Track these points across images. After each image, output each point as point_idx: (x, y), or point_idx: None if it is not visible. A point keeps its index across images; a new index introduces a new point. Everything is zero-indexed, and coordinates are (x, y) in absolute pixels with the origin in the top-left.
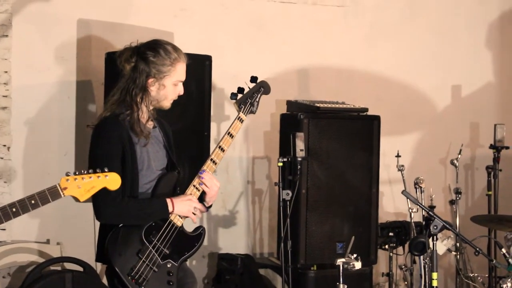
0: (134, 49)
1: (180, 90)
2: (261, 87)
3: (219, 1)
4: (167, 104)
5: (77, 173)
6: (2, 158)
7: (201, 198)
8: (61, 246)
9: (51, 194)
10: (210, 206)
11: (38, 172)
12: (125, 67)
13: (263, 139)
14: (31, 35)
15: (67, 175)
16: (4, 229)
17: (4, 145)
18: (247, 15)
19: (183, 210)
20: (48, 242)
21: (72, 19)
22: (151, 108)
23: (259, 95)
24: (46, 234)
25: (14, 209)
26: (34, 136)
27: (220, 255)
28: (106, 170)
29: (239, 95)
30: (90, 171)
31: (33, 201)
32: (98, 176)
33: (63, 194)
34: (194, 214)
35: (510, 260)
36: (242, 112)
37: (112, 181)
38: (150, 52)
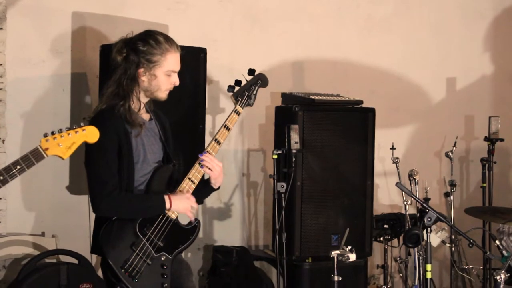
0: (126, 40)
1: (175, 80)
2: (258, 80)
3: None
4: (161, 95)
5: (54, 132)
6: None
7: (207, 182)
8: (56, 238)
9: (34, 156)
10: (219, 188)
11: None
12: (117, 58)
13: (258, 132)
14: (25, 28)
15: (45, 136)
16: None
17: None
18: (242, 7)
19: (180, 208)
20: (43, 234)
21: (67, 12)
22: (145, 99)
23: (256, 87)
24: (41, 226)
25: (1, 177)
26: (29, 129)
27: (215, 247)
28: (82, 125)
29: (236, 88)
30: (66, 128)
31: (18, 166)
32: (76, 132)
33: (46, 154)
34: (192, 212)
35: (503, 252)
36: (239, 105)
37: (90, 134)
38: (141, 42)
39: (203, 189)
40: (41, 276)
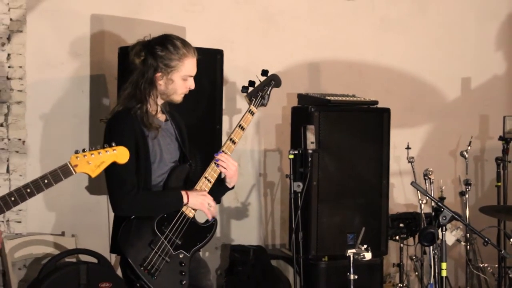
0: (144, 44)
1: (191, 84)
2: (271, 80)
3: None
4: (177, 98)
5: (85, 150)
6: (17, 151)
7: (222, 182)
8: (76, 238)
9: (63, 172)
10: (233, 187)
11: (52, 165)
12: (135, 61)
13: (275, 132)
14: (45, 30)
15: (76, 152)
16: (20, 222)
17: (19, 139)
18: (257, 9)
19: (196, 203)
20: (63, 234)
21: (86, 15)
22: (161, 101)
23: (270, 88)
24: (61, 226)
25: (28, 190)
26: (49, 130)
27: (232, 246)
28: (113, 145)
29: (250, 88)
30: (98, 146)
31: (46, 181)
32: (107, 151)
33: (75, 171)
34: (209, 209)
35: None
36: (253, 105)
37: (120, 155)
38: (159, 47)
39: (218, 188)
40: (61, 275)
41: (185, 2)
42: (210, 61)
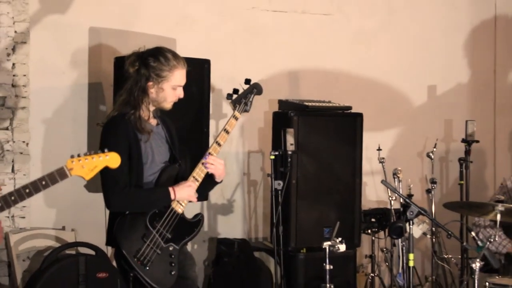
0: (139, 54)
1: (180, 93)
2: (254, 88)
3: (217, 10)
4: (167, 105)
5: (80, 155)
6: (21, 153)
7: (211, 177)
8: (76, 232)
9: (59, 174)
10: (221, 181)
11: (54, 165)
12: (130, 70)
13: (257, 135)
14: (47, 42)
15: (71, 157)
16: (24, 217)
17: (24, 141)
18: (242, 22)
19: (184, 195)
20: (63, 228)
21: (84, 28)
22: (152, 108)
23: (252, 95)
24: (62, 221)
25: (27, 190)
26: (50, 134)
27: (218, 239)
28: (106, 151)
29: (234, 96)
30: (92, 152)
31: (43, 182)
32: (100, 157)
33: (70, 174)
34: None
35: (479, 242)
36: (237, 111)
37: (112, 160)
38: (151, 58)
39: (208, 181)
40: (61, 266)
41: (176, 16)
42: (199, 70)
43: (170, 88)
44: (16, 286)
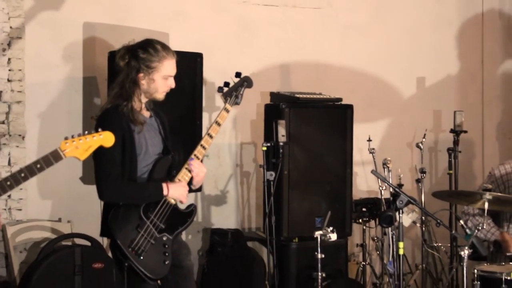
0: (128, 48)
1: (171, 83)
2: (244, 82)
3: (209, 5)
4: (159, 96)
5: (74, 136)
6: (17, 146)
7: (189, 181)
8: (72, 223)
9: (54, 156)
10: (197, 189)
11: None
12: (120, 63)
13: (250, 127)
14: (42, 37)
15: (65, 139)
16: (20, 209)
17: (20, 135)
18: (234, 17)
19: (176, 194)
20: (60, 220)
21: (78, 22)
22: (145, 99)
23: (243, 88)
24: (58, 213)
25: (22, 174)
26: (46, 127)
27: (212, 230)
28: (99, 130)
29: (225, 89)
30: (86, 132)
31: (38, 165)
32: (94, 136)
33: (64, 155)
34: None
35: (467, 230)
36: (228, 104)
37: (106, 139)
38: (140, 50)
39: None
40: (58, 257)
41: (169, 11)
42: (191, 64)
43: (161, 78)
44: (13, 277)
